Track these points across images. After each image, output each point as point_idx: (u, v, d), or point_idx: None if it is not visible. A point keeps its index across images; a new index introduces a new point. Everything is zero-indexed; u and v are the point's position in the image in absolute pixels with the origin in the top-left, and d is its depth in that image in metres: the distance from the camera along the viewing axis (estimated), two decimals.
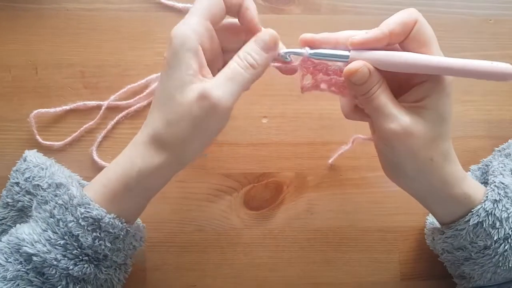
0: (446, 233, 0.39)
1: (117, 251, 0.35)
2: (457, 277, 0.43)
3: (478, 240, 0.37)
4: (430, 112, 0.33)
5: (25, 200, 0.37)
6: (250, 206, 0.47)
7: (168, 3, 0.47)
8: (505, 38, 0.50)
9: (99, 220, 0.33)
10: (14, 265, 0.33)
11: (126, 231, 0.35)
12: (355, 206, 0.47)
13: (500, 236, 0.36)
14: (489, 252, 0.37)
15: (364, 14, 0.49)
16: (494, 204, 0.36)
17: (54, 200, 0.34)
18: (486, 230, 0.36)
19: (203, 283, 0.46)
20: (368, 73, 0.32)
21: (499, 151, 0.46)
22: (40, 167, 0.37)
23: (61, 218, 0.33)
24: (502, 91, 0.49)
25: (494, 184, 0.38)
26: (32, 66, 0.46)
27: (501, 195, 0.37)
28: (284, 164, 0.47)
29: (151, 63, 0.47)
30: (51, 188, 0.35)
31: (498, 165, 0.41)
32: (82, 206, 0.33)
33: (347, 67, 0.33)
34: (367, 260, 0.47)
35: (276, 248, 0.47)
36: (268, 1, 0.48)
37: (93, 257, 0.34)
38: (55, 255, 0.32)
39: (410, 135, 0.33)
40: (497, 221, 0.36)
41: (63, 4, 0.47)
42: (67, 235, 0.33)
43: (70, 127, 0.46)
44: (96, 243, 0.33)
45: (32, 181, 0.37)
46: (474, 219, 0.36)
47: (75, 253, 0.33)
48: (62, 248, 0.33)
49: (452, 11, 0.49)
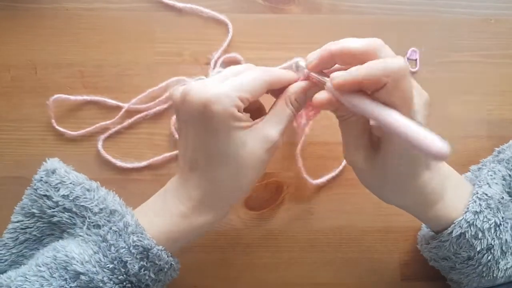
0: (431, 243, 0.40)
1: (158, 282, 0.36)
2: (449, 280, 0.44)
3: (461, 251, 0.38)
4: (382, 156, 0.34)
5: (64, 217, 0.37)
6: (250, 206, 0.47)
7: (169, 2, 0.47)
8: (506, 38, 0.50)
9: (148, 250, 0.34)
10: (58, 281, 0.33)
11: (170, 264, 0.36)
12: (355, 206, 0.47)
13: (483, 247, 0.37)
14: (472, 262, 0.38)
15: (364, 13, 0.49)
16: (475, 215, 0.37)
17: (108, 226, 0.35)
18: (469, 241, 0.37)
19: (203, 283, 0.46)
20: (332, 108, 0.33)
21: (494, 156, 0.46)
22: (82, 186, 0.37)
23: (114, 244, 0.34)
24: (503, 91, 0.49)
25: (476, 196, 0.38)
26: (31, 65, 0.46)
27: (483, 206, 0.37)
28: (284, 164, 0.47)
29: (151, 63, 0.47)
30: (103, 213, 0.36)
31: (486, 174, 0.41)
32: (135, 234, 0.34)
33: (314, 96, 0.33)
34: (367, 261, 0.47)
35: (276, 249, 0.47)
36: (268, 1, 0.48)
37: (136, 285, 0.35)
38: (102, 277, 0.33)
39: (356, 166, 0.36)
40: (479, 232, 0.36)
41: (63, 4, 0.47)
42: (117, 260, 0.34)
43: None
44: (142, 272, 0.34)
45: (76, 201, 0.37)
46: (457, 230, 0.36)
47: (121, 279, 0.34)
48: (110, 271, 0.34)
49: (453, 10, 0.49)
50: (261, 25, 0.48)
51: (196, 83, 0.34)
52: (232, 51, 0.47)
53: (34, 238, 0.38)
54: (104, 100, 0.46)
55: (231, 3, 0.48)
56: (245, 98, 0.33)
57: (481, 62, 0.49)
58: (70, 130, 0.46)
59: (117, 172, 0.46)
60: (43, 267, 0.34)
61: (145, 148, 0.46)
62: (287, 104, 0.35)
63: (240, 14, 0.48)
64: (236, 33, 0.47)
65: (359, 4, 0.49)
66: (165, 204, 0.36)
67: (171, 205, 0.35)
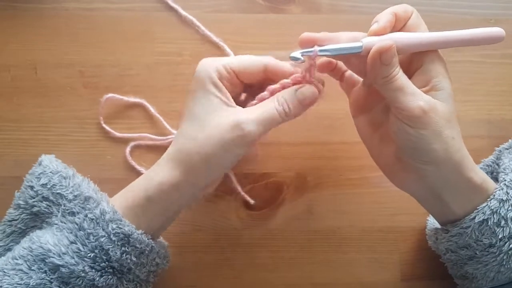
0: (451, 231, 0.39)
1: (141, 265, 0.37)
2: (459, 277, 0.43)
3: (483, 238, 0.37)
4: (442, 92, 0.35)
5: (42, 206, 0.37)
6: (250, 206, 0.47)
7: (173, 5, 0.47)
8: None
9: (129, 236, 0.34)
10: (37, 273, 0.33)
11: (151, 247, 0.36)
12: (355, 206, 0.47)
13: (505, 235, 0.36)
14: (493, 250, 0.37)
15: (364, 13, 0.49)
16: (500, 203, 0.36)
17: (83, 213, 0.35)
18: (491, 228, 0.36)
19: (203, 283, 0.46)
20: (394, 52, 0.34)
21: (506, 149, 0.45)
22: (60, 174, 0.37)
23: (92, 232, 0.34)
24: (503, 91, 0.49)
25: (504, 183, 0.37)
26: (31, 65, 0.46)
27: (510, 194, 0.37)
28: (284, 164, 0.47)
29: (151, 63, 0.47)
30: (78, 200, 0.36)
31: (509, 162, 0.40)
32: (114, 222, 0.34)
33: (375, 48, 0.34)
34: (367, 261, 0.47)
35: (276, 248, 0.47)
36: (268, 1, 0.48)
37: (118, 270, 0.35)
38: (83, 267, 0.33)
39: (436, 112, 0.34)
40: (502, 220, 0.36)
41: (63, 4, 0.47)
42: (98, 249, 0.34)
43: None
44: (124, 257, 0.35)
45: (52, 189, 0.36)
46: (480, 217, 0.36)
47: (103, 265, 0.34)
48: (91, 260, 0.34)
49: (452, 10, 0.49)
50: (261, 25, 0.48)
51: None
52: (232, 51, 0.47)
53: (19, 231, 0.38)
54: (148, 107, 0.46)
55: (231, 3, 0.48)
56: (230, 68, 0.36)
57: (481, 62, 0.49)
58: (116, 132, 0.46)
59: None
60: (19, 260, 0.34)
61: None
62: (278, 104, 0.36)
63: (240, 14, 0.48)
64: (236, 33, 0.47)
65: (359, 4, 0.49)
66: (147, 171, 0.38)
67: (151, 168, 0.37)
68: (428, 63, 0.35)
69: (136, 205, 0.36)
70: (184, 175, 0.36)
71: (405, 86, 0.34)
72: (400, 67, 0.34)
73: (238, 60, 0.37)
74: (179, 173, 0.36)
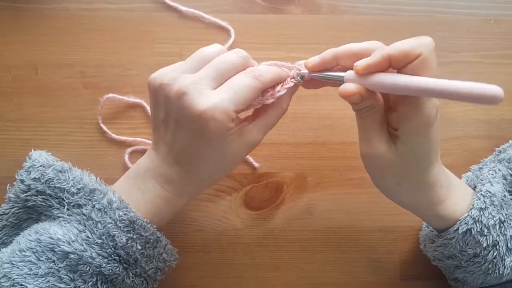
0: (436, 242, 0.40)
1: (147, 257, 0.37)
2: (452, 280, 0.44)
3: (467, 248, 0.38)
4: (403, 146, 0.34)
5: (38, 200, 0.37)
6: (250, 206, 0.47)
7: (172, 4, 0.47)
8: (505, 38, 0.50)
9: (133, 222, 0.35)
10: (46, 263, 0.34)
11: (156, 237, 0.37)
12: (355, 206, 0.47)
13: (489, 243, 0.37)
14: (478, 260, 0.38)
15: (364, 14, 0.49)
16: (480, 211, 0.37)
17: (90, 205, 0.36)
18: (475, 237, 0.37)
19: (203, 283, 0.46)
20: (360, 98, 0.33)
21: (494, 155, 0.46)
22: (53, 168, 0.37)
23: (100, 221, 0.35)
24: (503, 91, 0.49)
25: (480, 193, 0.38)
26: (32, 66, 0.46)
27: (487, 203, 0.37)
28: (284, 164, 0.47)
29: (151, 63, 0.47)
30: (83, 193, 0.36)
31: (487, 173, 0.41)
32: (120, 209, 0.35)
33: (341, 88, 0.33)
34: (367, 260, 0.47)
35: (276, 248, 0.47)
36: (268, 1, 0.48)
37: (124, 259, 0.36)
38: (90, 253, 0.34)
39: (379, 159, 0.35)
40: (484, 228, 0.37)
41: (63, 4, 0.47)
42: (105, 235, 0.35)
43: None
44: (129, 243, 0.35)
45: (49, 183, 0.37)
46: (463, 227, 0.37)
47: (109, 252, 0.35)
48: (98, 247, 0.34)
49: (452, 11, 0.49)
50: (261, 25, 0.48)
51: (191, 85, 0.34)
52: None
53: (11, 225, 0.38)
54: (148, 108, 0.46)
55: (231, 3, 0.48)
56: (240, 109, 0.35)
57: (481, 62, 0.49)
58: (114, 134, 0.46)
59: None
60: (27, 252, 0.34)
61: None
62: (279, 114, 0.38)
63: (240, 14, 0.48)
64: (236, 34, 0.47)
65: (359, 4, 0.49)
66: (144, 185, 0.36)
67: (151, 187, 0.36)
68: (405, 113, 0.33)
69: (136, 177, 0.37)
70: (193, 197, 0.39)
71: (366, 129, 0.35)
72: (373, 108, 0.34)
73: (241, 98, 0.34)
74: (188, 199, 0.38)
